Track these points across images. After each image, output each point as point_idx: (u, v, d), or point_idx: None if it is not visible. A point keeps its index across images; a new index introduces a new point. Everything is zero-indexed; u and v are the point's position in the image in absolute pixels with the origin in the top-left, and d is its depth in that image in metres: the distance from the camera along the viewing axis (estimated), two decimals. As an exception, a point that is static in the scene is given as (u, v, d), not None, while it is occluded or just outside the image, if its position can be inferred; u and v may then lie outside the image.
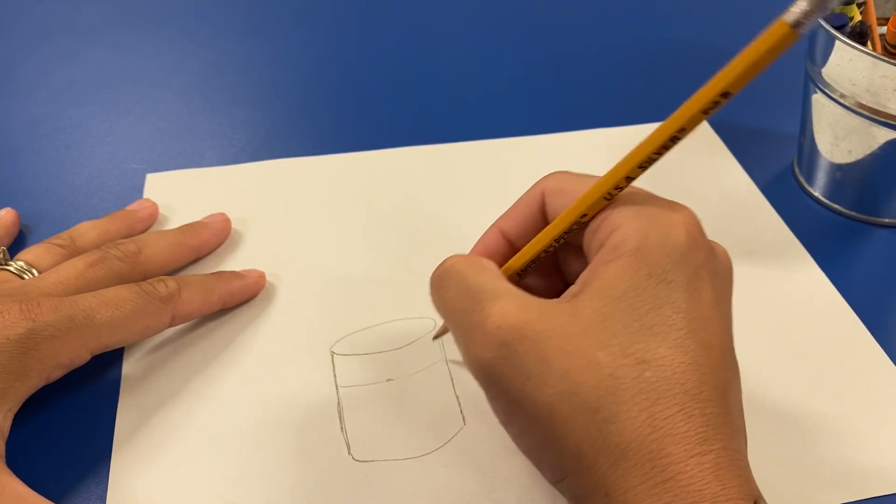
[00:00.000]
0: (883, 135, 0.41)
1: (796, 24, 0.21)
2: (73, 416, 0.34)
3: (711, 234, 0.43)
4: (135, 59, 0.57)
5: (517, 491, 0.31)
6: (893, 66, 0.37)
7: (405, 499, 0.31)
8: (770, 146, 0.50)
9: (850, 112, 0.41)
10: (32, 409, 0.33)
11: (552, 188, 0.30)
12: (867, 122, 0.40)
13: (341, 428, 0.34)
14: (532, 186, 0.30)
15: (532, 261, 0.30)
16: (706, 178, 0.47)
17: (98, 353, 0.33)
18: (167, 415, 0.34)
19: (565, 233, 0.28)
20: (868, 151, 0.42)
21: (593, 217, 0.27)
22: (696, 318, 0.25)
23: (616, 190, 0.27)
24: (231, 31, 0.61)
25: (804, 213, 0.45)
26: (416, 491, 0.32)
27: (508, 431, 0.27)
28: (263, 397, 0.35)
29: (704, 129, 0.51)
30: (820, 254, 0.42)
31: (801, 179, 0.47)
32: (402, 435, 0.33)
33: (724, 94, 0.23)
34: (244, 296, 0.39)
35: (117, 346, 0.34)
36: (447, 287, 0.28)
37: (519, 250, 0.30)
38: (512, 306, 0.25)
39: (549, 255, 0.30)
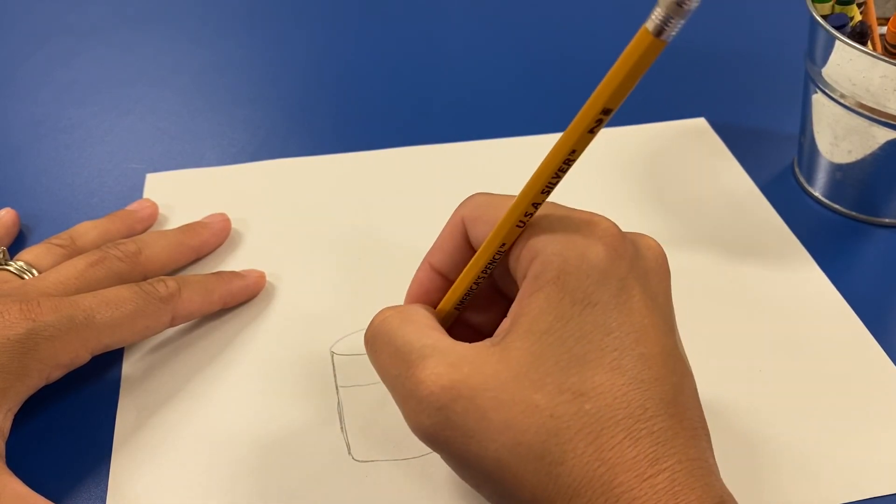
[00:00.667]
0: (883, 135, 0.41)
1: (658, 32, 0.21)
2: (73, 416, 0.34)
3: (712, 234, 0.43)
4: (135, 59, 0.57)
5: (517, 491, 0.31)
6: (893, 66, 0.37)
7: (405, 499, 0.31)
8: (770, 146, 0.50)
9: (850, 112, 0.41)
10: (32, 409, 0.33)
11: (470, 216, 0.29)
12: (867, 122, 0.40)
13: (341, 428, 0.34)
14: (452, 214, 0.29)
15: (464, 296, 0.29)
16: (706, 178, 0.47)
17: (98, 353, 0.33)
18: (167, 415, 0.34)
19: (489, 265, 0.27)
20: (868, 151, 0.42)
21: (513, 245, 0.27)
22: (630, 332, 0.24)
23: (527, 217, 0.26)
24: (231, 31, 0.61)
25: (804, 213, 0.45)
26: (416, 491, 0.32)
27: (468, 484, 0.27)
28: (263, 397, 0.35)
29: (704, 130, 0.51)
30: (820, 254, 0.42)
31: (801, 179, 0.47)
32: (402, 435, 0.33)
33: (606, 112, 0.23)
34: (244, 296, 0.39)
35: (117, 346, 0.34)
36: (379, 350, 0.28)
37: (454, 283, 0.30)
38: (442, 366, 0.25)
39: (485, 282, 0.29)
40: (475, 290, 0.29)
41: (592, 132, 0.23)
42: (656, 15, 0.21)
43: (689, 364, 0.26)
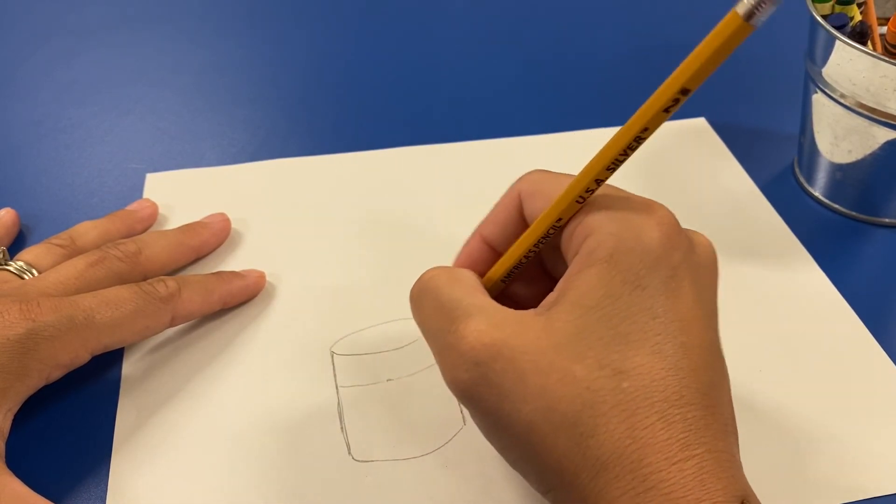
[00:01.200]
0: (883, 135, 0.41)
1: (749, 16, 0.21)
2: (73, 416, 0.34)
3: (712, 234, 0.43)
4: (135, 59, 0.57)
5: (517, 491, 0.31)
6: (893, 66, 0.37)
7: (405, 499, 0.31)
8: (770, 146, 0.50)
9: (850, 112, 0.41)
10: (32, 409, 0.33)
11: (528, 190, 0.29)
12: (867, 122, 0.40)
13: (341, 428, 0.34)
14: (509, 188, 0.30)
15: (514, 268, 0.29)
16: (706, 178, 0.47)
17: (98, 353, 0.33)
18: (167, 415, 0.34)
19: (543, 238, 0.28)
20: (868, 151, 0.42)
21: (568, 221, 0.27)
22: (675, 320, 0.25)
23: (587, 193, 0.26)
24: (231, 31, 0.61)
25: (804, 213, 0.45)
26: (416, 491, 0.32)
27: (493, 446, 0.27)
28: (263, 397, 0.35)
29: (704, 130, 0.51)
30: (820, 254, 0.42)
31: (801, 179, 0.47)
32: (402, 435, 0.33)
33: (684, 91, 0.23)
34: (244, 296, 0.39)
35: (117, 347, 0.34)
36: (424, 305, 0.28)
37: (501, 255, 0.30)
38: (485, 324, 0.25)
39: (533, 258, 0.29)
40: (525, 263, 0.29)
41: (668, 111, 0.24)
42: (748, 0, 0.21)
43: (727, 366, 0.26)
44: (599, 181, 0.26)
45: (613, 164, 0.25)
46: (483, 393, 0.25)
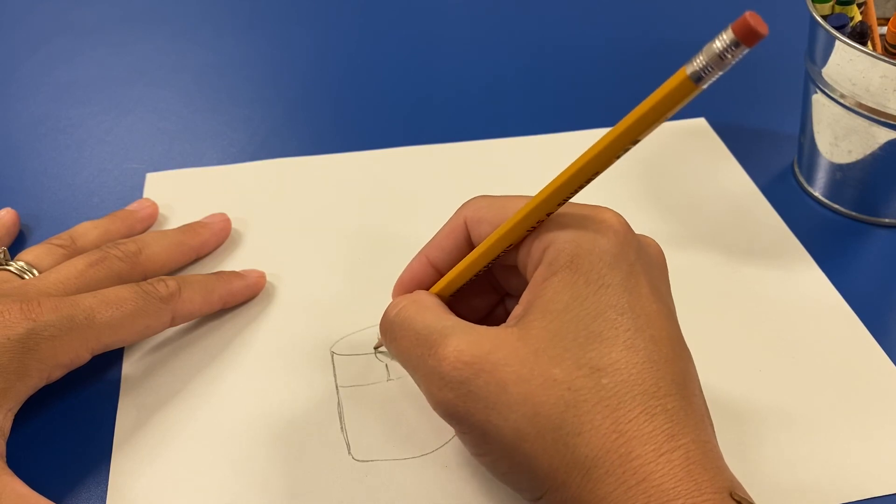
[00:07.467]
0: (883, 135, 0.41)
1: (697, 78, 0.21)
2: (73, 416, 0.34)
3: (712, 234, 0.43)
4: (135, 59, 0.57)
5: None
6: (893, 66, 0.37)
7: (405, 499, 0.31)
8: (770, 146, 0.50)
9: (850, 112, 0.41)
10: (32, 409, 0.33)
11: (473, 217, 0.30)
12: (867, 122, 0.41)
13: (341, 428, 0.34)
14: (454, 215, 0.31)
15: (463, 285, 0.30)
16: (706, 178, 0.47)
17: (98, 353, 0.33)
18: (167, 415, 0.34)
19: (494, 259, 0.29)
20: (868, 151, 0.42)
21: (523, 240, 0.28)
22: (641, 315, 0.25)
23: (538, 224, 0.27)
24: (231, 31, 0.61)
25: (804, 213, 0.45)
26: (416, 491, 0.32)
27: (482, 462, 0.28)
28: (263, 397, 0.35)
29: (704, 130, 0.51)
30: (820, 254, 0.42)
31: (801, 179, 0.47)
32: (402, 435, 0.33)
33: (633, 142, 0.24)
34: (244, 296, 0.39)
35: (118, 346, 0.34)
36: (398, 336, 0.29)
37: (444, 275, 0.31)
38: (464, 343, 0.26)
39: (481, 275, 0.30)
40: (472, 280, 0.30)
41: (619, 157, 0.25)
42: (698, 62, 0.21)
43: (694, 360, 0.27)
44: (550, 213, 0.27)
45: (564, 201, 0.26)
46: (470, 408, 0.25)
